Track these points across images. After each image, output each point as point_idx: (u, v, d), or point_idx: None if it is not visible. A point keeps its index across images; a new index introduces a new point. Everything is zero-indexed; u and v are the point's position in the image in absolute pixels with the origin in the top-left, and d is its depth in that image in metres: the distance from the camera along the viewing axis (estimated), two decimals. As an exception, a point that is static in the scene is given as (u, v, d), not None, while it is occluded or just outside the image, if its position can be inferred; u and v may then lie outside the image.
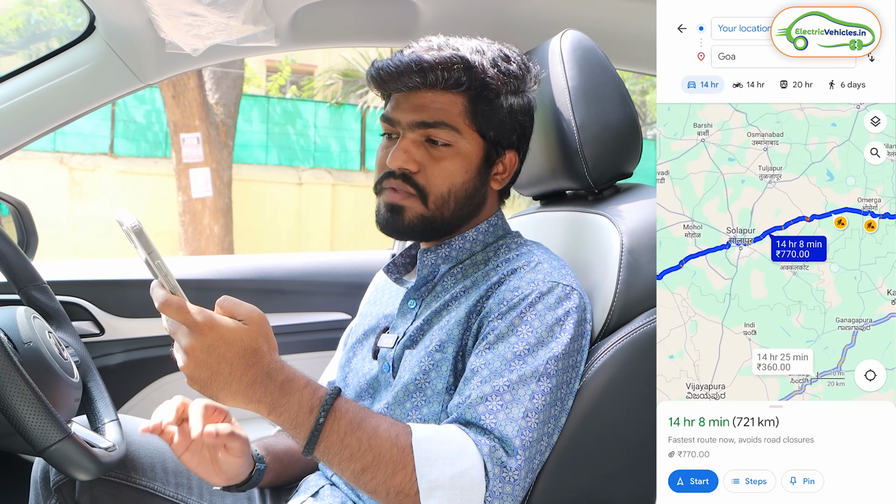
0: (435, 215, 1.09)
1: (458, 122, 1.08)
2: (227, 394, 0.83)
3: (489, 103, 1.09)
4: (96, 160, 10.46)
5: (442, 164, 1.08)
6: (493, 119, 1.10)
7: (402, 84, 1.07)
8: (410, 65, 1.05)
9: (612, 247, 1.11)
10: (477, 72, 1.07)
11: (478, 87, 1.07)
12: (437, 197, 1.08)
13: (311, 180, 11.49)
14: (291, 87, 13.67)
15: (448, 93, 1.07)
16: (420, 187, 1.08)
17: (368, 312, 1.24)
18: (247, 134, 11.24)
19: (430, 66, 1.05)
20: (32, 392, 0.92)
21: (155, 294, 0.81)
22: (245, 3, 1.33)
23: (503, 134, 1.12)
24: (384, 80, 1.08)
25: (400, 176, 1.08)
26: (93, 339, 1.66)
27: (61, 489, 1.13)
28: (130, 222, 0.79)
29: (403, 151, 1.07)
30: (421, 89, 1.07)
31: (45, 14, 11.26)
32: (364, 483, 0.89)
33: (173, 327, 0.83)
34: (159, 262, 0.81)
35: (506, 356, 0.96)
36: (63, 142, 10.24)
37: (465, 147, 1.09)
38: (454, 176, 1.09)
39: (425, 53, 1.06)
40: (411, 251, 1.24)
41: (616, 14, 1.67)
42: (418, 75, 1.05)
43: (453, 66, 1.05)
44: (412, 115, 1.08)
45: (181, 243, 7.34)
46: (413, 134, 1.08)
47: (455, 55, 1.06)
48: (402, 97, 1.10)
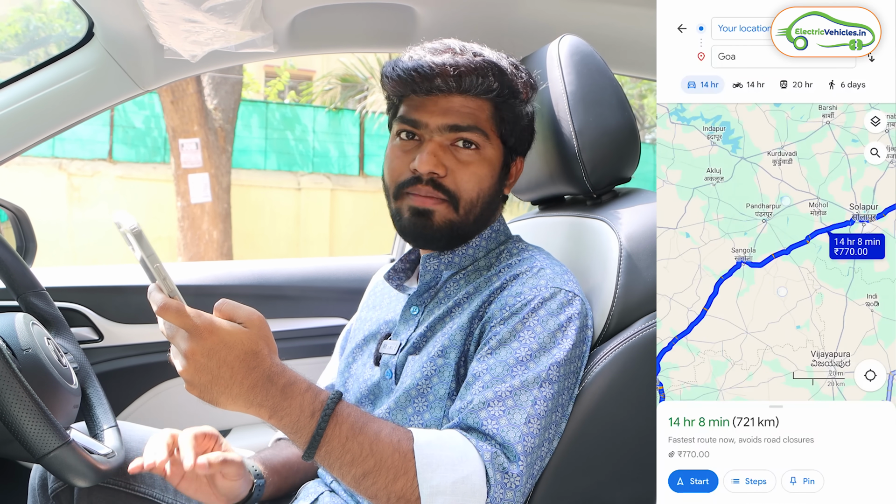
0: (463, 221, 1.09)
1: (486, 126, 1.08)
2: (227, 398, 0.82)
3: (513, 110, 1.10)
4: (95, 166, 10.46)
5: (471, 169, 1.07)
6: (515, 126, 1.11)
7: (434, 86, 1.05)
8: (448, 68, 1.03)
9: (610, 251, 1.11)
10: (509, 79, 1.07)
11: (507, 94, 1.08)
12: (467, 202, 1.08)
13: (310, 185, 11.49)
14: (290, 92, 13.68)
15: (477, 98, 1.07)
16: (451, 192, 1.07)
17: (368, 317, 1.24)
18: (245, 139, 11.24)
19: (467, 71, 1.04)
20: (31, 399, 0.92)
21: (153, 298, 0.80)
22: (243, 9, 1.34)
23: (521, 141, 1.14)
24: (415, 81, 1.05)
25: (429, 182, 1.06)
26: (92, 345, 1.66)
27: (59, 496, 1.13)
28: (130, 224, 0.78)
29: (433, 155, 1.05)
30: (452, 93, 1.06)
31: (43, 20, 11.26)
32: (365, 488, 0.88)
33: (171, 331, 0.82)
34: (158, 266, 0.80)
35: (508, 361, 0.96)
36: (62, 147, 10.24)
37: (490, 153, 1.09)
38: (483, 181, 1.09)
39: (459, 58, 1.05)
40: (410, 256, 1.24)
41: (614, 19, 1.67)
42: (454, 79, 1.04)
43: (488, 72, 1.05)
44: (443, 118, 1.06)
45: (180, 249, 7.34)
46: (441, 137, 1.07)
47: (489, 61, 1.06)
48: (428, 100, 1.07)
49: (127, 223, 0.78)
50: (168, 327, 0.82)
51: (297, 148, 11.88)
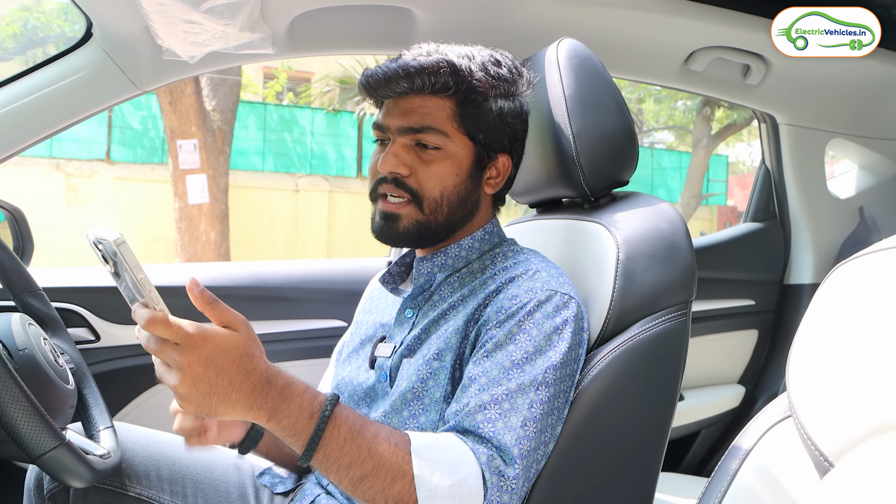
0: (430, 220, 1.10)
1: (445, 125, 1.08)
2: (226, 406, 0.79)
3: (477, 107, 1.10)
4: (93, 166, 10.45)
5: (432, 167, 1.08)
6: (481, 122, 1.10)
7: (390, 90, 1.09)
8: (398, 70, 1.06)
9: (608, 255, 1.12)
10: (464, 75, 1.08)
11: (465, 90, 1.08)
12: (430, 200, 1.09)
13: (308, 187, 11.49)
14: (288, 94, 13.68)
15: (436, 97, 1.08)
16: (413, 191, 1.08)
17: (364, 321, 1.24)
18: (243, 141, 11.25)
19: (417, 71, 1.06)
20: (27, 399, 0.92)
21: (138, 315, 0.76)
22: (242, 10, 1.34)
23: (493, 137, 1.12)
24: (373, 86, 1.10)
25: (392, 181, 1.09)
26: (88, 345, 1.66)
27: (55, 497, 1.12)
28: (114, 236, 0.74)
29: (393, 156, 1.08)
30: (409, 95, 1.09)
31: (42, 20, 11.26)
32: (362, 492, 0.88)
33: (158, 345, 0.77)
34: (143, 277, 0.76)
35: (504, 365, 0.96)
36: (59, 148, 10.24)
37: (455, 150, 1.09)
38: (445, 179, 1.09)
39: (412, 59, 1.07)
40: (406, 259, 1.24)
41: (612, 23, 1.68)
42: (405, 80, 1.06)
43: (440, 70, 1.06)
44: (401, 120, 1.09)
45: (177, 250, 7.34)
46: (403, 139, 1.09)
47: (442, 59, 1.07)
48: (391, 103, 1.11)
49: (111, 235, 0.75)
50: (154, 342, 0.77)
51: (294, 149, 11.89)
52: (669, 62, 1.88)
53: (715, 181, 15.13)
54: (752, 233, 2.31)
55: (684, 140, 14.89)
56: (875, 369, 0.56)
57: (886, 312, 0.57)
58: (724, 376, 2.33)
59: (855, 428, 0.58)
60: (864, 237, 2.29)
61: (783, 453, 0.68)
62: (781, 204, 2.31)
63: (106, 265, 0.80)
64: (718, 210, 14.64)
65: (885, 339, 0.56)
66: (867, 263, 0.61)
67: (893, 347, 0.55)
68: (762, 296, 2.31)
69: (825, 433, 0.61)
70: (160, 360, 0.79)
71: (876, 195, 2.39)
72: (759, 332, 2.33)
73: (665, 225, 1.13)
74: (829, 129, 2.26)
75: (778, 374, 2.31)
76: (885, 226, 2.31)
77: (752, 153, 17.94)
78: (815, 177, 2.28)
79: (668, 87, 2.02)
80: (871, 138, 2.30)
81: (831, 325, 0.63)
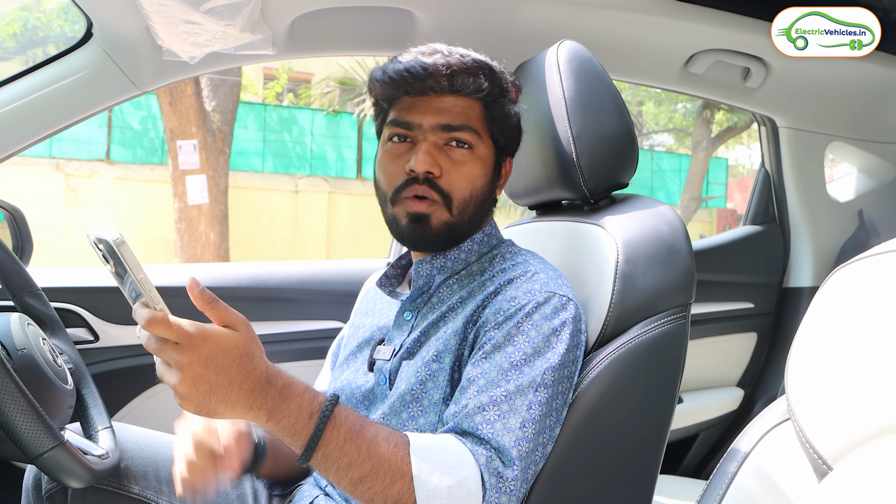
0: (458, 221, 1.09)
1: (477, 126, 1.09)
2: (226, 405, 0.79)
3: (501, 110, 1.11)
4: (92, 166, 10.45)
5: (464, 168, 1.08)
6: (505, 126, 1.12)
7: (426, 86, 1.06)
8: (440, 68, 1.05)
9: (607, 257, 1.12)
10: (498, 79, 1.09)
11: (497, 93, 1.09)
12: (460, 202, 1.08)
13: (308, 188, 11.49)
14: (288, 94, 13.68)
15: (468, 98, 1.08)
16: (444, 192, 1.07)
17: (361, 324, 1.23)
18: (243, 141, 11.25)
19: (459, 71, 1.05)
20: (25, 399, 0.92)
21: (138, 315, 0.77)
22: (243, 11, 1.34)
23: (510, 141, 1.14)
24: (409, 82, 1.06)
25: (425, 181, 1.06)
26: (87, 345, 1.66)
27: (53, 497, 1.12)
28: (113, 236, 0.75)
29: (429, 154, 1.06)
30: (444, 93, 1.07)
31: (42, 20, 11.26)
32: (361, 492, 0.88)
33: (158, 345, 0.77)
34: (143, 277, 0.76)
35: (502, 366, 0.96)
36: (59, 148, 10.23)
37: (483, 152, 1.10)
38: (476, 180, 1.09)
39: (449, 58, 1.06)
40: (401, 262, 1.24)
41: (613, 25, 1.68)
42: (447, 79, 1.05)
43: (478, 71, 1.06)
44: (436, 118, 1.07)
45: (177, 250, 7.33)
46: (435, 137, 1.07)
47: (480, 61, 1.08)
48: (420, 101, 1.08)
49: (111, 235, 0.75)
50: (154, 341, 0.77)
51: (294, 151, 11.89)
52: (670, 65, 1.88)
53: (714, 184, 15.13)
54: (751, 236, 2.31)
55: (684, 143, 14.89)
56: (874, 373, 0.56)
57: (885, 316, 0.57)
58: (723, 379, 2.33)
59: (853, 431, 0.58)
60: (863, 240, 2.30)
61: (782, 456, 0.68)
62: (781, 207, 2.31)
63: (107, 265, 0.80)
64: (718, 213, 14.65)
65: (884, 342, 0.56)
66: (866, 267, 0.61)
67: (892, 351, 0.55)
68: (761, 299, 2.31)
69: (824, 436, 0.61)
70: (161, 359, 0.79)
71: (875, 199, 2.39)
72: (758, 334, 2.33)
73: (664, 227, 1.13)
74: (828, 133, 2.26)
75: (777, 377, 2.31)
76: (885, 229, 2.31)
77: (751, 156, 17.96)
78: (815, 180, 2.28)
79: (669, 89, 2.03)
80: (871, 142, 2.30)
81: (830, 329, 0.63)
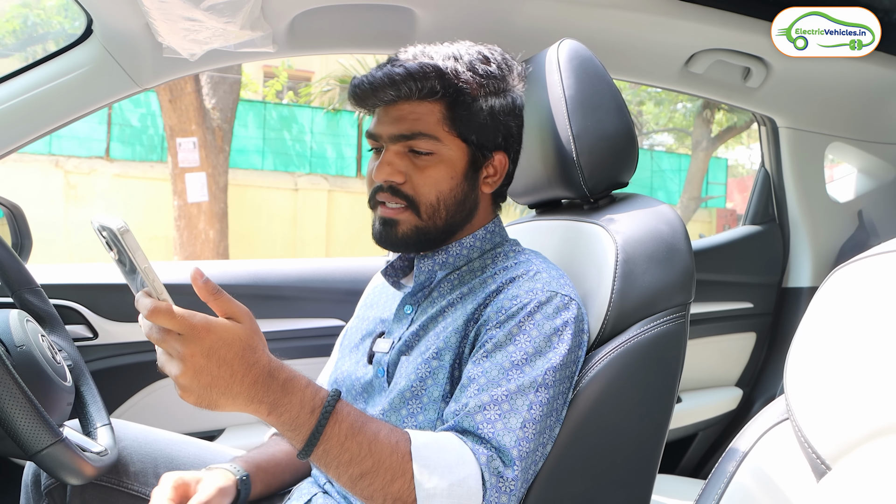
0: (428, 225, 1.10)
1: (436, 130, 1.08)
2: (227, 398, 0.79)
3: (467, 108, 1.09)
4: (92, 164, 10.45)
5: (427, 173, 1.08)
6: (472, 123, 1.10)
7: (377, 99, 1.08)
8: (383, 79, 1.06)
9: (607, 256, 1.12)
10: (450, 78, 1.07)
11: (453, 93, 1.07)
12: (427, 206, 1.09)
13: (307, 186, 11.49)
14: (288, 92, 13.68)
15: (424, 102, 1.08)
16: (410, 198, 1.08)
17: (365, 316, 1.24)
18: (243, 139, 11.24)
19: (403, 78, 1.05)
20: (24, 396, 0.92)
21: (141, 304, 0.76)
22: (243, 8, 1.34)
23: (486, 136, 1.12)
24: (360, 97, 1.09)
25: (388, 189, 1.09)
26: (86, 342, 1.66)
27: (52, 493, 1.12)
28: (117, 224, 0.74)
29: (388, 164, 1.08)
30: (398, 102, 1.08)
31: (42, 17, 11.24)
32: (361, 489, 0.88)
33: (161, 335, 0.77)
34: (147, 267, 0.76)
35: (503, 365, 0.96)
36: (59, 145, 10.23)
37: (448, 154, 1.09)
38: (440, 183, 1.09)
39: (397, 67, 1.07)
40: (409, 255, 1.24)
41: (613, 24, 1.68)
42: (391, 88, 1.06)
43: (425, 75, 1.06)
44: (392, 128, 1.09)
45: (176, 248, 7.33)
46: (395, 146, 1.09)
47: (426, 64, 1.06)
48: (382, 111, 1.11)
49: (114, 223, 0.74)
50: (157, 331, 0.77)
51: (294, 148, 11.89)
52: (670, 64, 1.88)
53: (714, 184, 15.14)
54: (750, 236, 2.31)
55: (684, 143, 14.90)
56: (873, 373, 0.56)
57: (885, 316, 0.57)
58: (722, 379, 2.33)
59: (852, 431, 0.58)
60: (862, 241, 2.30)
61: (780, 456, 0.68)
62: (780, 207, 2.31)
63: (110, 252, 0.79)
64: (717, 213, 14.66)
65: (883, 342, 0.56)
66: (866, 267, 0.61)
67: (891, 351, 0.55)
68: (761, 299, 2.31)
69: (822, 436, 0.61)
70: (162, 349, 0.79)
71: (875, 199, 2.39)
72: (757, 334, 2.33)
73: (664, 227, 1.13)
74: (828, 133, 2.26)
75: (776, 377, 2.31)
76: (884, 229, 2.31)
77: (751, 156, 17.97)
78: (815, 180, 2.28)
79: (669, 89, 2.03)
80: (871, 142, 2.30)
81: (829, 329, 0.63)
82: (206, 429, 1.76)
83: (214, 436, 1.77)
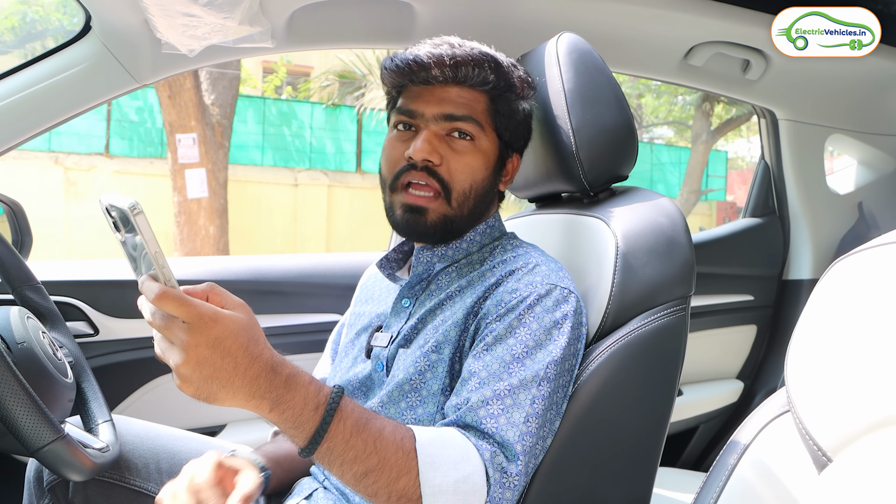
0: (457, 214, 1.09)
1: (481, 118, 1.09)
2: (227, 391, 0.75)
3: (508, 104, 1.11)
4: (92, 160, 10.43)
5: (465, 159, 1.08)
6: (511, 120, 1.12)
7: (431, 76, 1.07)
8: (445, 58, 1.05)
9: (607, 249, 1.12)
10: (505, 73, 1.08)
11: (503, 87, 1.09)
12: (459, 193, 1.08)
13: (307, 181, 11.48)
14: (287, 88, 13.65)
15: (473, 90, 1.09)
16: (444, 181, 1.07)
17: (361, 311, 1.23)
18: (243, 135, 11.23)
19: (464, 62, 1.06)
20: (26, 392, 0.92)
21: (147, 287, 0.72)
22: (241, 4, 1.33)
23: (515, 136, 1.14)
24: (413, 70, 1.07)
25: (423, 169, 1.06)
26: (87, 339, 1.66)
27: (55, 489, 1.13)
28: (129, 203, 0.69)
29: (428, 142, 1.06)
30: (448, 84, 1.08)
31: (40, 13, 11.22)
32: (365, 487, 0.86)
33: (164, 322, 0.73)
34: (157, 251, 0.72)
35: (504, 359, 0.96)
36: (58, 141, 10.22)
37: (485, 144, 1.10)
38: (476, 172, 1.09)
39: (457, 49, 1.06)
40: (404, 247, 1.24)
41: (612, 17, 1.67)
42: (451, 69, 1.06)
43: (484, 63, 1.06)
44: (438, 107, 1.08)
45: (176, 244, 7.33)
46: (437, 126, 1.08)
47: (487, 54, 1.08)
48: (424, 90, 1.09)
49: (126, 202, 0.70)
50: (161, 318, 0.74)
51: (294, 144, 11.87)
52: (669, 57, 1.87)
53: (714, 177, 15.12)
54: (751, 228, 2.31)
55: (683, 135, 14.87)
56: (874, 364, 0.56)
57: (885, 308, 0.57)
58: (723, 371, 2.34)
59: (853, 423, 0.58)
60: (863, 233, 2.30)
61: (781, 448, 0.68)
62: (781, 199, 2.31)
63: (116, 233, 0.76)
64: (717, 206, 14.65)
65: (884, 334, 0.56)
66: (866, 259, 0.61)
67: (892, 343, 0.55)
68: (761, 291, 2.31)
69: (823, 428, 0.61)
70: (163, 336, 0.75)
71: (875, 191, 2.39)
72: (757, 327, 2.33)
73: (664, 220, 1.13)
74: (828, 125, 2.26)
75: (776, 370, 2.31)
76: (884, 221, 2.31)
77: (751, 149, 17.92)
78: (815, 172, 2.28)
79: (668, 81, 2.02)
80: (871, 134, 2.30)
81: (830, 321, 0.63)
82: (208, 424, 1.76)
83: (216, 431, 1.77)
